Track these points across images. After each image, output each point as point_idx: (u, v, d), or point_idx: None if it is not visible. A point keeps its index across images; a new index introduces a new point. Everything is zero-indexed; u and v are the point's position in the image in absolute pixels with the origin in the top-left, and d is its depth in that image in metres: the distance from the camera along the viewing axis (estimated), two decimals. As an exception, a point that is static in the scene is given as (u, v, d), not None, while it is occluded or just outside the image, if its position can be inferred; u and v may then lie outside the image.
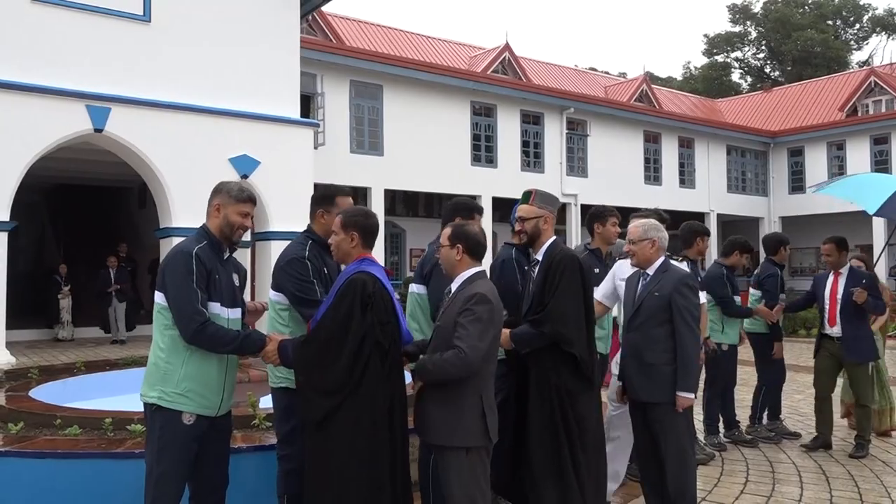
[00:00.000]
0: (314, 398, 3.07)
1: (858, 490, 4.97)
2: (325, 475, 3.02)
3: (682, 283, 3.97)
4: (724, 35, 46.70)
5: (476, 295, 3.18)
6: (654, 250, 4.08)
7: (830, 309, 6.14)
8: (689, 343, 3.88)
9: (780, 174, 26.18)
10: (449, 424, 3.16)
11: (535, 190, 3.97)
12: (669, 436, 3.91)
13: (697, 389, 3.95)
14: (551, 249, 3.78)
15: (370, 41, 20.97)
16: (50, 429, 4.69)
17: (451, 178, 18.02)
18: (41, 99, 10.36)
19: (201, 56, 11.88)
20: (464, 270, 3.33)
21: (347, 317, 3.03)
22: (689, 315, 3.90)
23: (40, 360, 10.29)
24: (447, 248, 3.37)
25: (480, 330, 3.12)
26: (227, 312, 3.22)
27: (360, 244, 3.26)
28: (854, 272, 6.19)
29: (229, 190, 3.31)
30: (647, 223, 4.18)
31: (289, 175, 12.58)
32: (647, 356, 3.95)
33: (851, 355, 6.00)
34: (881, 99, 24.88)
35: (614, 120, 22.10)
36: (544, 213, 3.86)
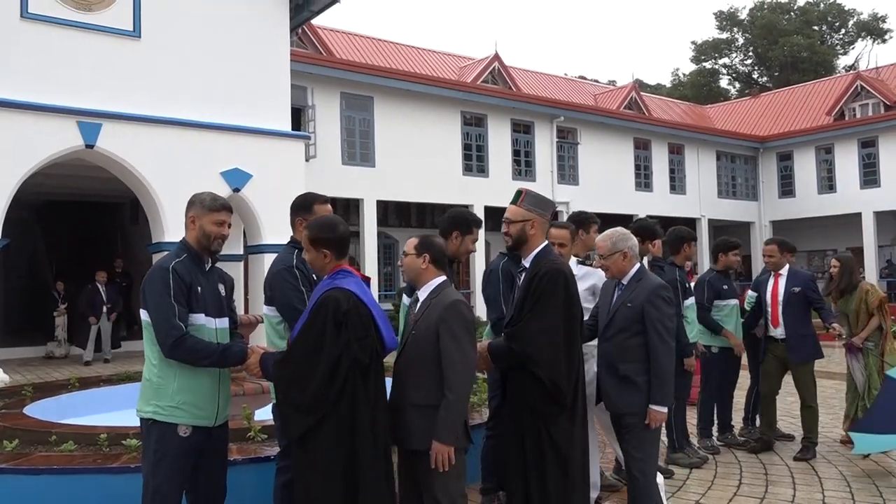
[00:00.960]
0: (292, 416, 3.04)
1: (850, 490, 5.01)
2: (305, 492, 3.00)
3: (654, 293, 3.84)
4: (712, 42, 47.10)
5: (457, 303, 3.21)
6: (627, 261, 3.98)
7: (772, 310, 6.10)
8: (662, 355, 3.77)
9: (770, 179, 26.36)
10: (427, 428, 3.13)
11: (525, 190, 3.69)
12: (637, 448, 3.81)
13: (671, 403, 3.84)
14: (539, 258, 3.51)
15: (360, 53, 21.07)
16: (45, 445, 4.68)
17: (443, 188, 18.09)
18: (32, 116, 10.38)
19: (192, 71, 11.92)
20: (430, 279, 3.35)
21: (320, 338, 2.99)
22: (661, 326, 3.78)
23: (34, 378, 10.27)
24: (413, 257, 3.37)
25: (470, 338, 3.19)
26: (213, 322, 3.26)
27: (333, 258, 3.21)
28: (794, 273, 6.19)
29: (202, 201, 3.34)
30: (615, 234, 4.04)
31: (281, 188, 12.60)
32: (620, 368, 3.83)
33: (795, 356, 5.96)
34: (868, 103, 25.12)
35: (604, 127, 22.23)
36: (532, 217, 3.55)
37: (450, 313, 3.18)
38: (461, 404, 3.14)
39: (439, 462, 3.08)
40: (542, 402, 3.33)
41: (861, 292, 6.29)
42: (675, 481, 5.27)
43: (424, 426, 3.14)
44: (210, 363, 3.14)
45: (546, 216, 3.64)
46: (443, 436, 3.09)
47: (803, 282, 6.08)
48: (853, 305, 6.30)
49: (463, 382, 3.14)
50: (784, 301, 6.00)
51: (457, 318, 3.18)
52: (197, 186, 3.71)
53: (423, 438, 3.14)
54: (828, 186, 24.74)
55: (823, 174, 24.93)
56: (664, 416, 3.77)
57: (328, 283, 3.16)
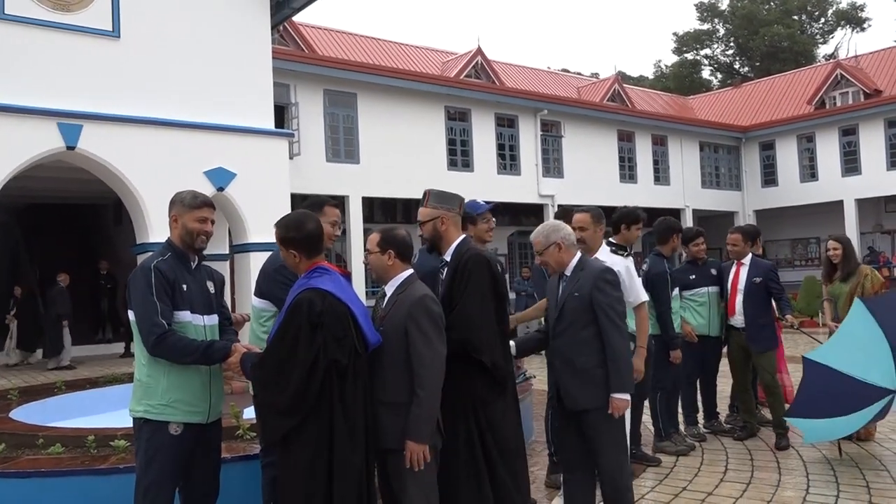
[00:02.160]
0: (270, 419, 3.00)
1: (835, 474, 5.09)
2: (290, 494, 2.97)
3: (599, 279, 3.74)
4: (693, 33, 47.30)
5: (425, 297, 3.17)
6: (564, 251, 3.86)
7: (731, 298, 6.12)
8: (616, 341, 3.65)
9: (753, 168, 26.56)
10: (399, 426, 3.09)
11: (429, 190, 3.71)
12: (606, 443, 3.68)
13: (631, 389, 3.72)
14: (459, 249, 3.55)
15: (343, 50, 21.01)
16: (32, 449, 4.67)
17: (428, 183, 17.74)
18: (11, 118, 10.27)
19: (172, 70, 11.84)
20: (397, 274, 3.29)
21: (295, 340, 2.93)
22: (612, 311, 3.68)
23: (19, 382, 10.19)
24: (378, 255, 3.30)
25: (438, 333, 3.14)
26: (201, 319, 3.26)
27: (303, 258, 3.15)
28: (756, 262, 6.16)
29: (182, 199, 3.34)
30: (546, 227, 3.94)
31: (265, 186, 12.56)
32: (578, 361, 3.70)
33: (753, 344, 5.99)
34: (847, 91, 25.35)
35: (588, 120, 22.31)
36: (440, 214, 3.60)
37: (417, 309, 3.12)
38: (433, 401, 3.09)
39: (414, 461, 3.05)
40: (484, 387, 3.36)
41: (860, 276, 6.12)
42: (662, 469, 5.33)
43: (395, 424, 3.10)
44: (193, 360, 3.13)
45: (454, 210, 3.66)
46: (416, 434, 3.05)
47: (764, 272, 6.05)
48: (848, 288, 6.12)
49: (433, 379, 3.08)
50: (745, 291, 6.02)
51: (424, 313, 3.12)
52: (180, 186, 3.70)
53: (395, 437, 3.10)
54: (810, 175, 24.97)
55: (805, 163, 25.15)
56: (626, 403, 3.66)
57: (303, 282, 3.08)
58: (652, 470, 5.31)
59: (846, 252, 6.22)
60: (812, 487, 4.81)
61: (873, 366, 5.08)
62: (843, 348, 5.25)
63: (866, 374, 5.05)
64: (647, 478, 5.14)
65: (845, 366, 5.11)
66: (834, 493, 4.66)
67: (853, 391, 5.05)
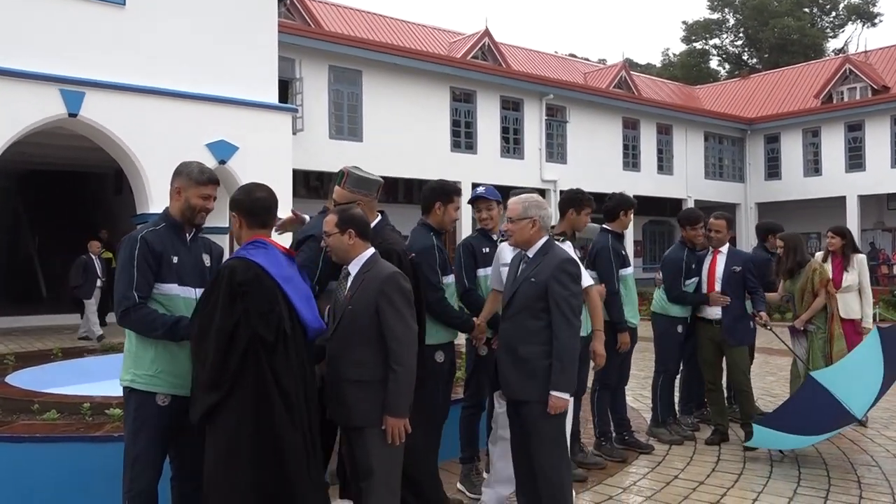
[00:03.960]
0: (195, 395, 2.89)
1: (826, 467, 5.11)
2: (211, 476, 2.86)
3: (559, 269, 3.50)
4: (703, 22, 46.99)
5: (394, 275, 3.14)
6: (535, 230, 3.64)
7: (708, 289, 5.74)
8: (565, 337, 3.43)
9: (757, 160, 26.48)
10: (374, 404, 3.07)
11: (346, 171, 3.60)
12: (542, 439, 3.49)
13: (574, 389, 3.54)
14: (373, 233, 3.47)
15: (349, 26, 20.84)
16: (28, 414, 4.66)
17: (431, 164, 18.01)
18: (13, 83, 10.21)
19: (177, 40, 11.75)
20: (359, 253, 3.25)
21: (213, 310, 2.82)
22: (566, 305, 3.45)
23: (16, 347, 10.21)
24: (337, 236, 3.22)
25: (409, 309, 3.12)
26: (192, 292, 3.20)
27: (245, 226, 3.06)
28: (734, 252, 5.87)
29: (189, 172, 3.28)
30: (529, 199, 3.72)
31: (267, 161, 12.52)
32: (520, 350, 3.50)
33: (730, 338, 5.61)
34: (856, 86, 25.21)
35: (593, 106, 22.19)
36: (356, 198, 3.53)
37: (389, 286, 3.10)
38: (410, 376, 3.08)
39: (395, 436, 3.05)
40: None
41: (808, 271, 6.02)
42: (654, 456, 5.34)
43: (365, 402, 3.07)
44: (159, 336, 3.06)
45: (371, 195, 3.58)
46: (395, 409, 3.05)
47: (744, 262, 5.75)
48: (799, 284, 6.04)
49: (409, 354, 3.08)
50: (723, 281, 5.66)
51: (397, 290, 3.10)
52: (182, 158, 3.66)
53: (366, 415, 3.08)
54: (814, 169, 24.89)
55: (810, 157, 25.07)
56: (566, 403, 3.44)
57: (236, 253, 3.00)
58: (645, 457, 5.32)
59: (787, 249, 6.12)
60: (803, 480, 4.83)
61: (860, 394, 4.91)
62: (847, 375, 4.96)
63: (850, 400, 4.87)
64: (640, 465, 5.15)
65: (841, 392, 4.88)
66: (825, 487, 4.68)
67: (835, 414, 4.86)
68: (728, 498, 4.48)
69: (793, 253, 6.12)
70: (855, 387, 4.92)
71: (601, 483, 4.74)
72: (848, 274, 6.46)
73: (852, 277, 6.45)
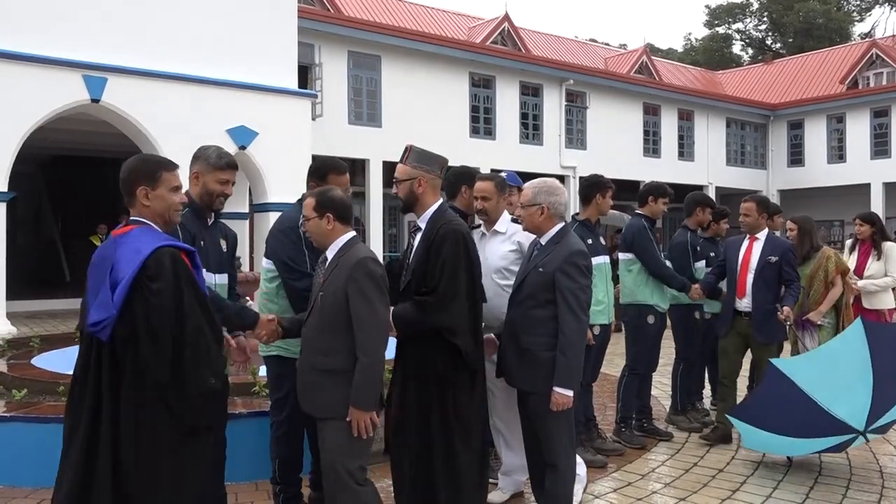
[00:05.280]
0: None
1: (848, 459, 5.06)
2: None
3: (567, 260, 3.38)
4: (726, 6, 46.25)
5: (365, 260, 2.98)
6: (545, 218, 3.52)
7: (741, 278, 5.29)
8: (570, 331, 3.33)
9: (780, 147, 26.13)
10: (339, 396, 2.94)
11: (411, 146, 3.43)
12: (548, 432, 3.43)
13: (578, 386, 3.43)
14: (435, 218, 3.29)
15: (368, 11, 20.77)
16: (53, 395, 4.76)
17: (450, 150, 17.70)
18: (37, 68, 10.31)
19: (198, 25, 11.79)
20: (337, 237, 3.09)
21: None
22: (572, 298, 3.34)
23: (41, 330, 10.38)
24: (316, 220, 3.08)
25: (380, 296, 2.98)
26: (213, 278, 3.25)
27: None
28: (773, 239, 5.36)
29: (207, 157, 3.29)
30: (540, 185, 3.60)
31: (287, 146, 12.57)
32: (523, 339, 3.42)
33: (761, 334, 5.18)
34: (882, 71, 24.74)
35: (614, 92, 21.98)
36: (419, 175, 3.33)
37: (357, 271, 2.95)
38: (377, 367, 2.94)
39: (361, 429, 2.92)
40: (454, 371, 3.20)
41: (821, 258, 5.67)
42: (673, 444, 5.33)
43: (334, 392, 2.95)
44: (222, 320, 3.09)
45: (434, 173, 3.39)
46: (359, 401, 2.90)
47: (782, 251, 5.24)
48: (808, 270, 5.65)
49: (376, 343, 2.93)
50: (757, 270, 5.20)
51: (365, 275, 2.95)
52: (202, 142, 3.67)
53: (331, 406, 2.96)
54: (838, 156, 24.52)
55: (834, 143, 24.70)
56: (569, 400, 3.33)
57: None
58: (664, 444, 5.31)
59: (802, 233, 5.76)
60: (824, 469, 4.80)
61: (844, 398, 4.37)
62: (817, 367, 4.48)
63: (832, 403, 4.35)
64: (659, 452, 5.14)
65: (811, 387, 4.38)
66: (846, 477, 4.65)
67: (809, 416, 4.40)
68: (748, 486, 4.46)
69: (808, 237, 5.77)
70: (831, 385, 4.39)
71: (620, 469, 4.74)
72: (873, 263, 6.20)
73: (878, 266, 6.18)
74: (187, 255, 2.57)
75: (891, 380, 4.40)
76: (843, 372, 4.40)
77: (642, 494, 4.29)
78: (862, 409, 4.38)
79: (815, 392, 4.36)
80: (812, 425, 4.44)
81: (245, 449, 4.03)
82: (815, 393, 4.36)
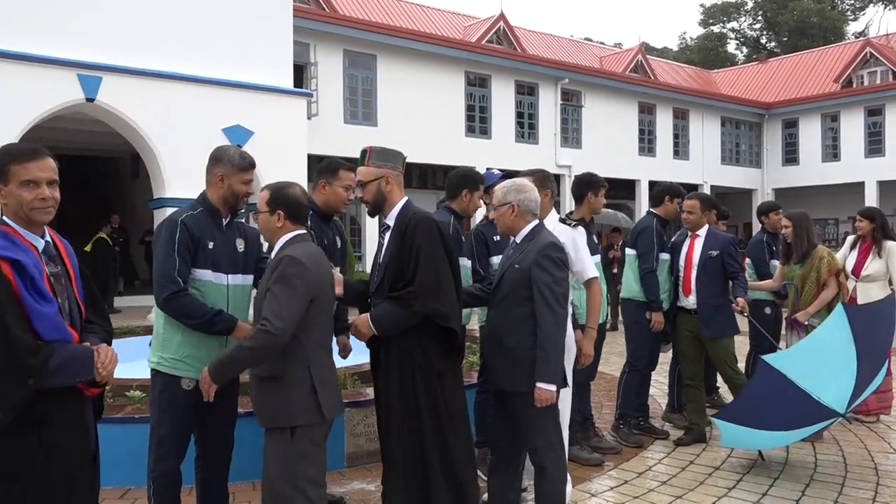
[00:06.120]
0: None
1: (843, 454, 5.08)
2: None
3: (542, 254, 3.33)
4: (721, 5, 46.39)
5: (283, 258, 2.85)
6: (516, 216, 3.48)
7: (685, 275, 5.29)
8: (548, 325, 3.27)
9: (774, 146, 26.20)
10: (274, 404, 2.83)
11: (370, 147, 3.36)
12: (534, 431, 3.37)
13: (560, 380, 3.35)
14: (404, 213, 3.24)
15: (363, 10, 20.76)
16: (49, 395, 4.73)
17: (446, 149, 17.99)
18: (32, 68, 10.27)
19: (193, 25, 11.76)
20: (284, 235, 3.00)
21: None
22: (548, 292, 3.28)
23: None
24: (266, 215, 3.00)
25: (288, 295, 2.79)
26: (224, 278, 3.22)
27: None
28: (713, 234, 5.34)
29: (230, 158, 3.26)
30: (509, 184, 3.56)
31: (282, 145, 12.55)
32: (506, 339, 3.35)
33: (706, 329, 5.17)
34: (876, 70, 24.83)
35: (609, 91, 22.02)
36: (385, 173, 3.27)
37: (274, 272, 2.83)
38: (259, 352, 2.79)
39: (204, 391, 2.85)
40: (442, 359, 3.15)
41: (815, 258, 5.53)
42: (670, 442, 5.34)
43: (269, 400, 2.85)
44: (195, 325, 3.08)
45: (398, 169, 3.34)
46: (213, 368, 2.86)
47: (722, 245, 5.22)
48: (801, 271, 5.55)
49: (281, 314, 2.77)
50: (699, 266, 5.22)
51: (280, 276, 2.80)
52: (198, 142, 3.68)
53: (272, 415, 2.85)
54: (832, 154, 24.60)
55: (828, 142, 24.78)
56: (551, 394, 3.26)
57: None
58: (660, 442, 5.32)
59: (798, 231, 5.61)
60: (820, 466, 4.82)
61: (832, 384, 4.36)
62: (807, 358, 4.43)
63: (822, 391, 4.32)
64: (656, 450, 5.16)
65: (804, 379, 4.32)
66: (842, 474, 4.66)
67: (802, 407, 4.36)
68: (744, 483, 4.47)
69: (806, 234, 5.60)
70: (822, 373, 4.37)
71: (617, 468, 4.75)
72: (873, 261, 5.99)
73: (877, 265, 5.98)
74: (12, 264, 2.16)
75: (870, 358, 4.43)
76: (831, 358, 4.39)
77: (639, 492, 4.30)
78: (846, 392, 4.39)
79: (807, 383, 4.32)
80: (801, 416, 4.42)
81: (242, 449, 4.02)
82: (807, 384, 4.32)
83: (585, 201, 4.94)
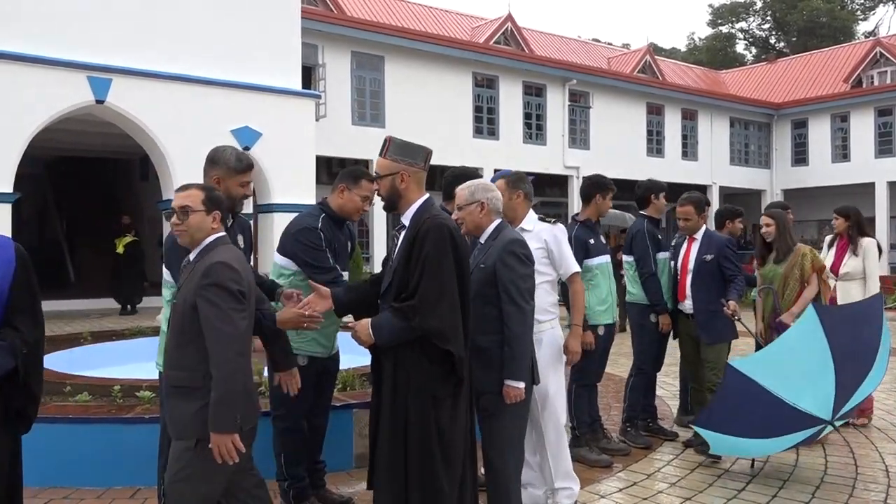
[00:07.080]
0: None
1: (853, 455, 5.06)
2: None
3: (506, 251, 3.30)
4: (729, 5, 46.20)
5: (213, 266, 2.65)
6: (485, 214, 3.44)
7: (681, 279, 5.23)
8: (514, 322, 3.24)
9: (783, 146, 26.08)
10: (187, 413, 2.64)
11: (390, 138, 3.17)
12: (497, 427, 3.32)
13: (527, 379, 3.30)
14: (419, 214, 3.03)
15: (371, 11, 20.79)
16: (60, 396, 4.78)
17: (453, 150, 17.94)
18: (42, 70, 10.34)
19: (202, 26, 11.82)
20: (207, 238, 2.80)
21: None
22: (513, 287, 3.25)
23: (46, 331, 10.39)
24: (202, 215, 2.77)
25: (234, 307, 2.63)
26: None
27: None
28: (709, 237, 5.25)
29: (227, 161, 3.27)
30: (475, 184, 3.54)
31: (291, 147, 12.59)
32: (479, 339, 3.23)
33: (705, 335, 5.09)
34: (886, 70, 24.68)
35: (617, 92, 21.97)
36: (401, 168, 3.07)
37: (207, 278, 2.62)
38: (233, 383, 2.56)
39: (224, 454, 2.55)
40: (440, 383, 2.90)
41: (796, 256, 5.38)
42: (678, 443, 5.32)
43: (185, 412, 2.65)
44: None
45: (418, 165, 3.15)
46: (216, 423, 2.55)
47: (717, 248, 5.12)
48: (783, 270, 5.39)
49: (228, 357, 2.57)
50: (694, 271, 5.14)
51: (214, 282, 2.60)
52: (207, 144, 3.68)
53: (180, 427, 2.68)
54: (842, 155, 24.47)
55: (838, 142, 24.64)
56: (519, 392, 3.23)
57: None
58: (669, 444, 5.31)
59: (780, 228, 5.45)
60: (830, 468, 4.79)
61: (808, 390, 4.22)
62: (777, 362, 4.29)
63: (797, 397, 4.19)
64: (665, 452, 5.14)
65: (775, 384, 4.18)
66: (852, 475, 4.64)
67: (776, 414, 4.22)
68: (753, 485, 4.45)
69: (786, 232, 5.46)
70: (794, 378, 4.23)
71: (626, 469, 4.74)
72: (850, 259, 5.93)
73: (854, 263, 5.91)
74: None
75: (849, 362, 4.29)
76: (804, 362, 4.25)
77: (648, 494, 4.29)
78: (827, 398, 4.24)
79: (778, 389, 4.20)
80: (779, 423, 4.31)
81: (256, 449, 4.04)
82: (779, 389, 4.20)
83: (593, 202, 4.95)
